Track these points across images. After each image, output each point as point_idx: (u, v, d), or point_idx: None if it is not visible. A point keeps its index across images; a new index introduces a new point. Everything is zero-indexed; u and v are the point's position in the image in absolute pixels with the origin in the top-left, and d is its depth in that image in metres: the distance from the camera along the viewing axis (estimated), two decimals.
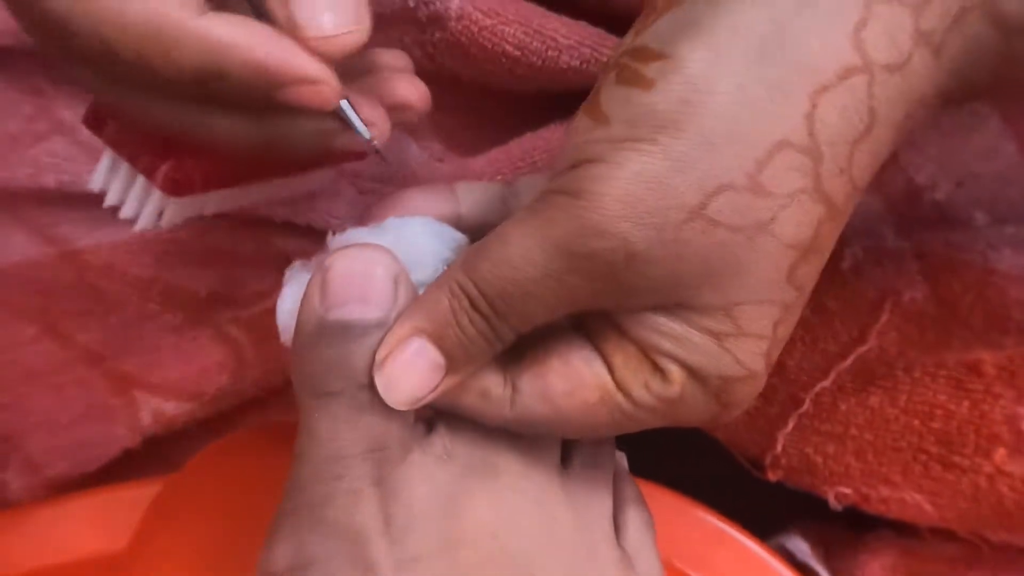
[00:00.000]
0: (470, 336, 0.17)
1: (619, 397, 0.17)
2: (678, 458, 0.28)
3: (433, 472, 0.18)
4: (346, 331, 0.17)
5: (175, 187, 0.20)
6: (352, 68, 0.20)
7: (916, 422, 0.23)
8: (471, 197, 0.21)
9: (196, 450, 0.26)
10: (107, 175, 0.21)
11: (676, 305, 0.17)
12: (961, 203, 0.26)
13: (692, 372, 0.17)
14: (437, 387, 0.17)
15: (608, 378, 0.17)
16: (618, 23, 0.25)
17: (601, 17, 0.26)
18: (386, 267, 0.18)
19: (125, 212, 0.21)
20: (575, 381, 0.17)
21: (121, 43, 0.15)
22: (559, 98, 0.27)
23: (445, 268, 0.19)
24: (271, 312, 0.28)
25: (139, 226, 0.21)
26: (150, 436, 0.27)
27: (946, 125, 0.26)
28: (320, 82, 0.17)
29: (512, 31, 0.24)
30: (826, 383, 0.25)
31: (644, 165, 0.15)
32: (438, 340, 0.17)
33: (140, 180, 0.20)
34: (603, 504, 0.20)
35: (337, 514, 0.17)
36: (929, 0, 0.16)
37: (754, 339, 0.17)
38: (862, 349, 0.25)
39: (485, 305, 0.17)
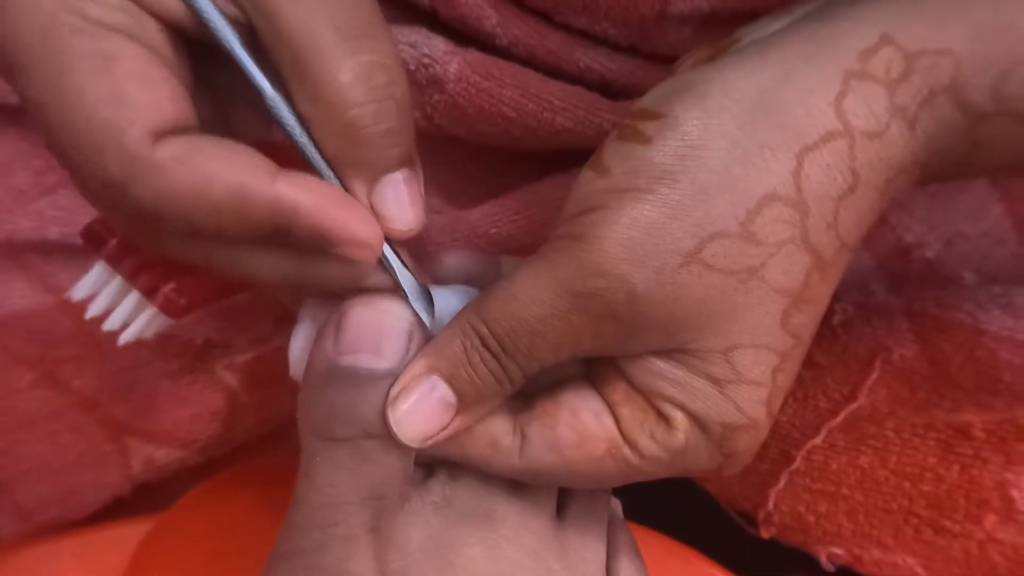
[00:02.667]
0: (481, 375, 0.17)
1: (626, 450, 0.18)
2: (673, 504, 0.28)
3: (430, 519, 0.18)
4: (355, 378, 0.18)
5: (174, 309, 0.20)
6: None
7: (907, 484, 0.23)
8: (512, 266, 0.22)
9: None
10: (94, 286, 0.21)
11: (677, 350, 0.17)
12: (950, 262, 0.26)
13: (695, 419, 0.18)
14: (448, 426, 0.18)
15: (615, 430, 0.18)
16: (612, 90, 0.26)
17: (598, 84, 0.26)
18: (400, 319, 0.18)
19: (110, 324, 0.20)
20: (583, 433, 0.18)
21: (202, 215, 0.16)
22: (554, 154, 0.27)
23: None
24: (265, 358, 0.28)
25: (124, 339, 0.20)
26: (141, 483, 0.27)
27: (934, 187, 0.26)
28: (370, 244, 0.17)
29: (509, 93, 0.25)
30: (817, 441, 0.25)
31: (643, 212, 0.16)
32: (450, 378, 0.18)
33: (132, 296, 0.20)
34: (597, 554, 0.20)
35: (332, 561, 0.17)
36: (902, 79, 0.17)
37: (753, 386, 0.17)
38: (853, 406, 0.25)
39: (495, 343, 0.17)
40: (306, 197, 0.16)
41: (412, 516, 0.18)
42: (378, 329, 0.18)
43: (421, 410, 0.17)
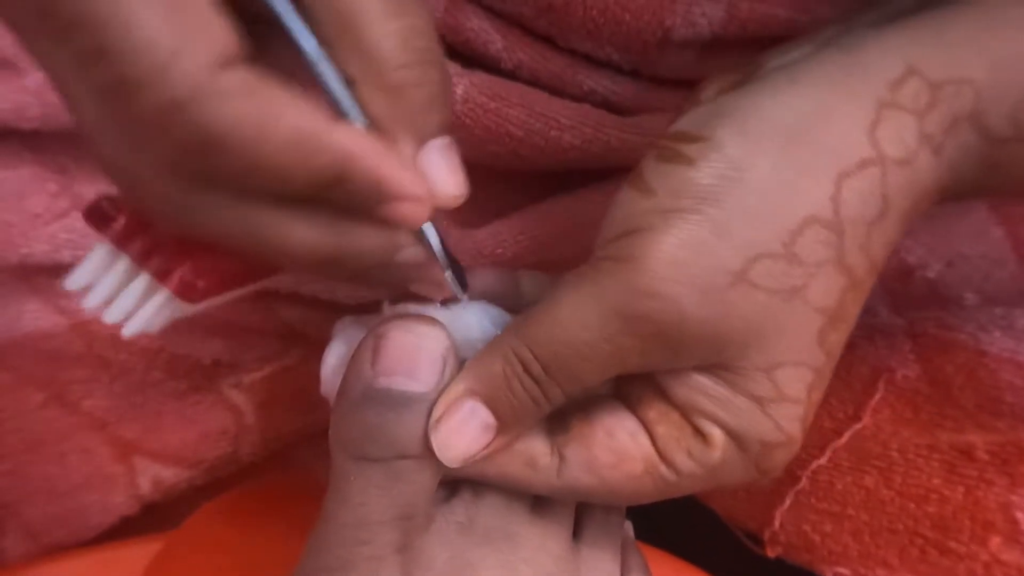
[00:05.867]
0: (521, 399, 0.18)
1: (663, 468, 0.18)
2: (679, 524, 0.28)
3: (453, 539, 0.18)
4: (391, 400, 0.18)
5: (191, 292, 0.18)
6: None
7: (911, 505, 0.23)
8: (530, 281, 0.22)
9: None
10: (94, 273, 0.18)
11: (720, 367, 0.18)
12: (952, 282, 0.27)
13: (734, 436, 0.18)
14: (488, 446, 0.18)
15: (652, 449, 0.18)
16: (616, 111, 0.27)
17: (601, 106, 0.27)
18: (437, 343, 0.18)
19: (111, 316, 0.18)
20: (620, 454, 0.18)
21: (265, 154, 0.15)
22: (559, 174, 0.28)
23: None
24: (272, 378, 0.28)
25: (128, 331, 0.18)
26: (148, 503, 0.27)
27: (935, 209, 0.26)
28: (422, 201, 0.17)
29: (516, 113, 0.25)
30: (822, 461, 0.25)
31: (690, 232, 0.17)
32: (490, 402, 0.18)
33: (140, 282, 0.18)
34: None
35: None
36: (930, 109, 0.17)
37: (792, 403, 0.18)
38: (857, 427, 0.25)
39: (538, 369, 0.17)
40: (366, 146, 0.16)
41: (437, 536, 0.18)
42: (415, 353, 0.18)
43: (463, 433, 0.18)
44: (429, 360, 0.18)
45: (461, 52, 0.27)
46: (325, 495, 0.19)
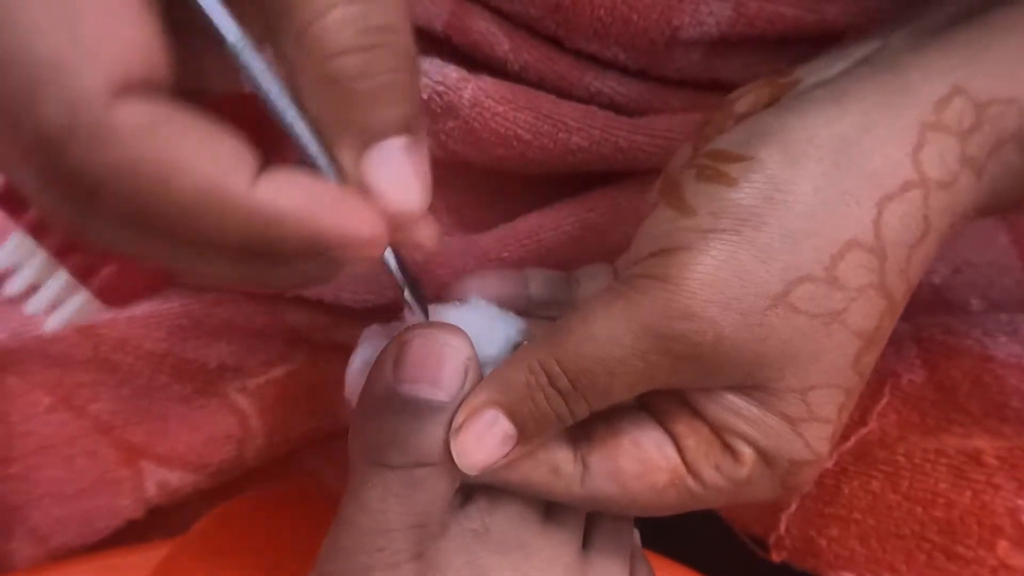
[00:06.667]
0: (543, 411, 0.18)
1: (689, 480, 0.18)
2: (685, 529, 0.28)
3: (468, 545, 0.18)
4: (413, 407, 0.18)
5: (113, 296, 0.16)
6: None
7: (918, 509, 0.23)
8: (539, 281, 0.22)
9: (198, 520, 0.26)
10: (16, 255, 0.16)
11: (752, 387, 0.17)
12: (958, 288, 0.27)
13: (764, 454, 0.18)
14: (507, 455, 0.18)
15: (678, 461, 0.18)
16: (623, 112, 0.27)
17: (608, 107, 0.27)
18: (460, 352, 0.18)
19: (32, 307, 0.16)
20: (646, 464, 0.18)
21: (162, 210, 0.12)
22: (565, 178, 0.28)
23: (508, 348, 0.20)
24: (277, 381, 0.28)
25: (49, 325, 0.17)
26: (154, 506, 0.27)
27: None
28: (373, 241, 0.14)
29: (524, 116, 0.25)
30: (829, 465, 0.25)
31: (730, 253, 0.16)
32: (511, 413, 0.18)
33: (60, 276, 0.16)
34: None
35: None
36: (973, 131, 0.17)
37: (823, 423, 0.18)
38: (864, 431, 0.25)
39: (565, 382, 0.17)
40: (298, 200, 0.13)
41: (452, 543, 0.18)
42: (438, 361, 0.18)
43: (483, 442, 0.18)
44: (452, 368, 0.18)
45: (468, 54, 0.26)
46: (338, 500, 0.19)
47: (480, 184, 0.29)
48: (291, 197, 0.13)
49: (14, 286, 0.16)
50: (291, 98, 0.14)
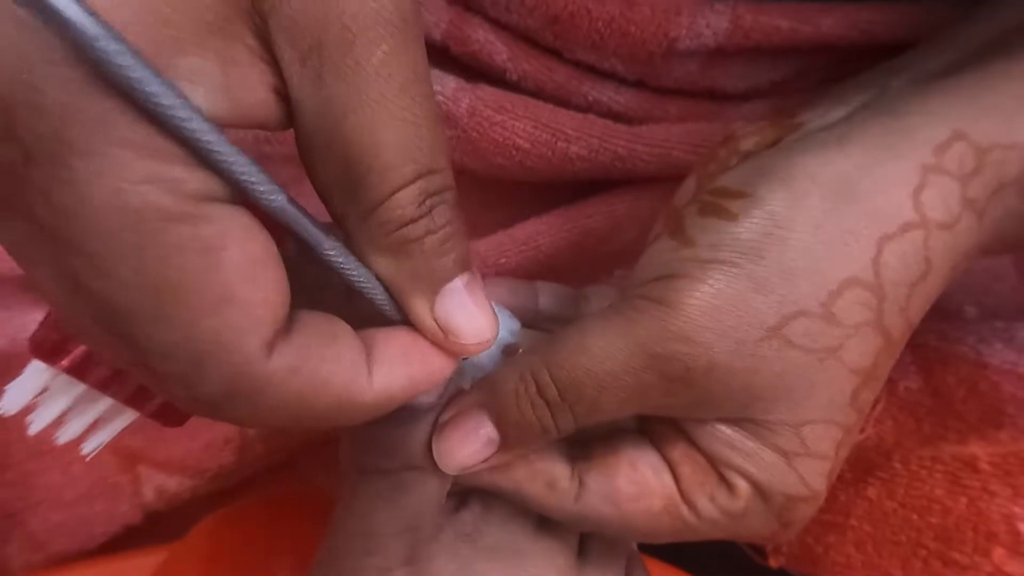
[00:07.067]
0: (528, 419, 0.18)
1: (683, 509, 0.18)
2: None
3: (461, 551, 0.18)
4: (398, 411, 0.18)
5: (170, 419, 0.17)
6: None
7: (914, 516, 0.23)
8: (549, 295, 0.22)
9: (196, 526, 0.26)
10: (33, 392, 0.16)
11: (746, 420, 0.17)
12: (952, 295, 0.27)
13: (759, 488, 0.18)
14: (488, 460, 0.18)
15: (674, 488, 0.18)
16: (620, 121, 0.27)
17: (606, 116, 0.27)
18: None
19: (67, 435, 0.17)
20: (642, 487, 0.18)
21: (302, 423, 0.14)
22: (563, 186, 0.28)
23: (501, 350, 0.20)
24: None
25: (88, 449, 0.17)
26: (152, 512, 0.27)
27: None
28: (445, 379, 0.16)
29: (522, 125, 0.26)
30: None
31: (727, 284, 0.17)
32: (496, 418, 0.18)
33: (100, 405, 0.17)
34: None
35: None
36: (974, 175, 0.17)
37: (819, 460, 0.18)
38: (860, 437, 0.25)
39: (553, 392, 0.17)
40: (401, 383, 0.15)
41: (444, 547, 0.18)
42: None
43: (465, 444, 0.18)
44: None
45: (466, 64, 0.27)
46: (333, 506, 0.19)
47: (479, 191, 0.29)
48: (399, 379, 0.15)
49: (44, 418, 0.17)
50: (361, 264, 0.15)
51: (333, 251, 0.15)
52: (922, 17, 0.24)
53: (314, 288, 0.16)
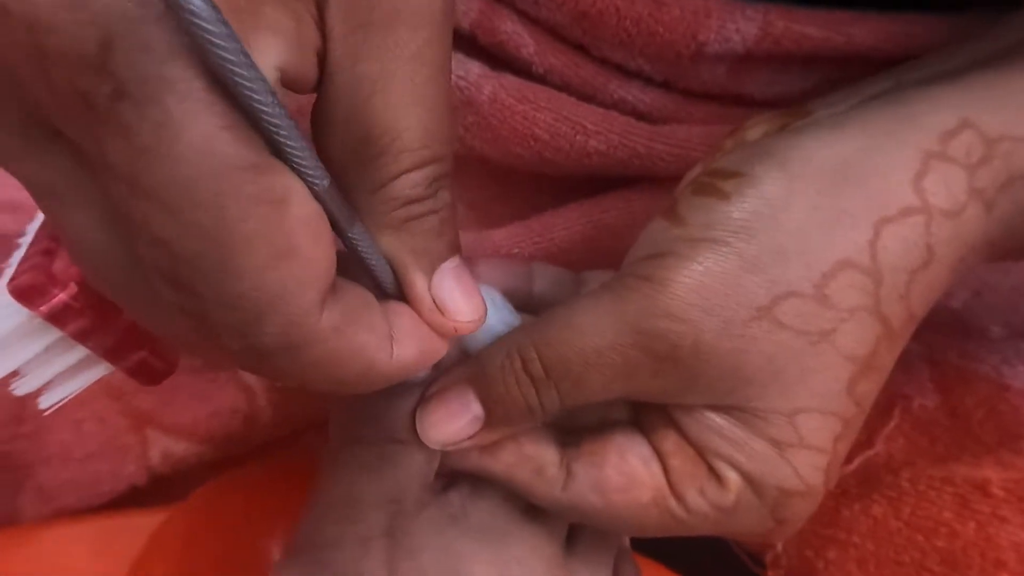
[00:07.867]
0: (513, 396, 0.18)
1: (672, 502, 0.18)
2: (680, 540, 0.27)
3: (445, 529, 0.18)
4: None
5: (148, 377, 0.17)
6: None
7: (920, 537, 0.22)
8: (545, 278, 0.22)
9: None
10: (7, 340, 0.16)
11: (737, 408, 0.17)
12: (977, 312, 0.26)
13: (750, 480, 0.17)
14: (472, 437, 0.18)
15: (663, 480, 0.18)
16: (645, 120, 0.27)
17: (630, 115, 0.27)
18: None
19: (24, 387, 0.16)
20: (630, 478, 0.18)
21: (327, 385, 0.15)
22: (582, 180, 0.28)
23: (495, 339, 0.19)
24: None
25: (47, 402, 0.17)
26: (158, 475, 0.27)
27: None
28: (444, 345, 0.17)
29: (543, 116, 0.26)
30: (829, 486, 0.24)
31: (717, 262, 0.16)
32: (482, 395, 0.18)
33: (70, 356, 0.16)
34: None
35: (345, 559, 0.18)
36: (982, 164, 0.17)
37: (815, 452, 0.17)
38: (869, 453, 0.24)
39: (538, 368, 0.17)
40: (413, 357, 0.16)
41: (428, 524, 0.18)
42: None
43: (449, 420, 0.18)
44: None
45: (493, 54, 0.27)
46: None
47: (496, 180, 0.29)
48: (412, 352, 0.16)
49: (13, 362, 0.16)
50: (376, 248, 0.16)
51: (358, 236, 0.15)
52: (957, 30, 0.24)
53: None
